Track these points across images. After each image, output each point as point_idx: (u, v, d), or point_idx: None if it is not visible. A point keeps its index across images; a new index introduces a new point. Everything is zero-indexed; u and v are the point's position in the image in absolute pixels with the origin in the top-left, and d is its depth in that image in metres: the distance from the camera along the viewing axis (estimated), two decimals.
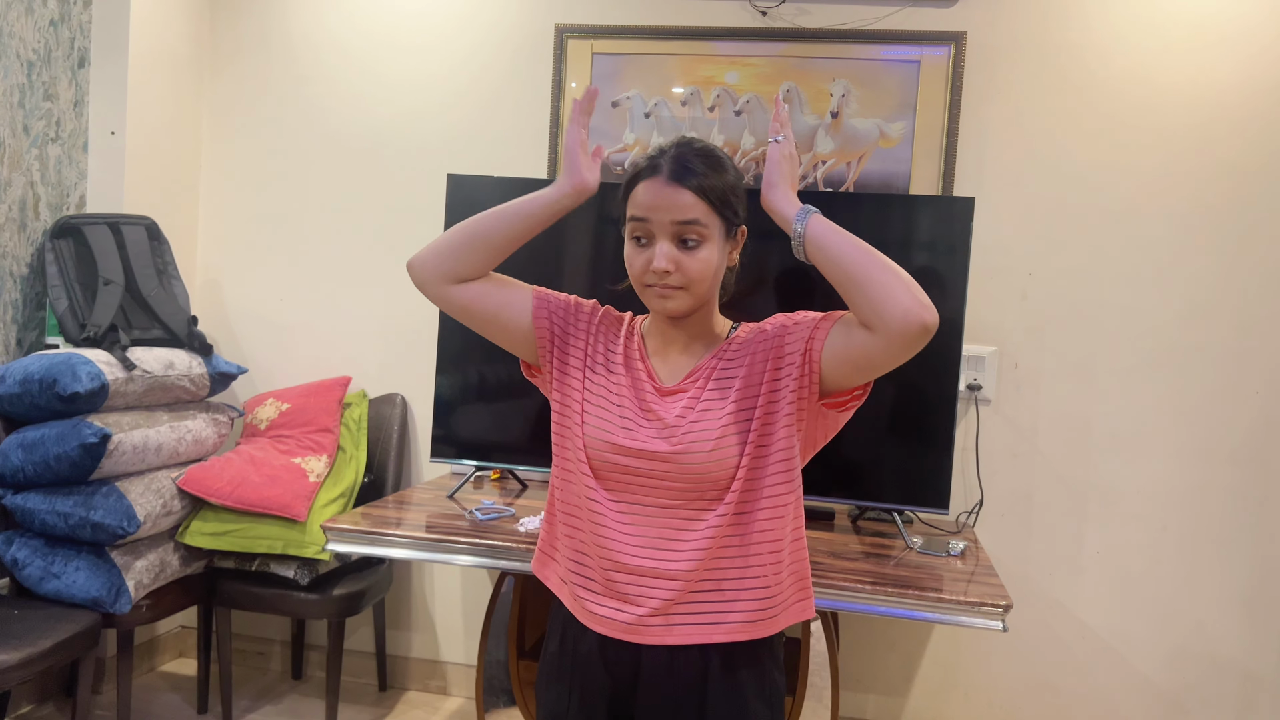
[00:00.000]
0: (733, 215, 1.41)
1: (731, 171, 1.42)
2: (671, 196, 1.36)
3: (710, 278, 1.41)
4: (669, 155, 1.39)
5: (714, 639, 1.41)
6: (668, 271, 1.37)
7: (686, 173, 1.37)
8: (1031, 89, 2.90)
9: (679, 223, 1.37)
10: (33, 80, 2.87)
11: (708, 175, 1.38)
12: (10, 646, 2.33)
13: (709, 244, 1.39)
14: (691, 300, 1.41)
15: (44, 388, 2.56)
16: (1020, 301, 2.94)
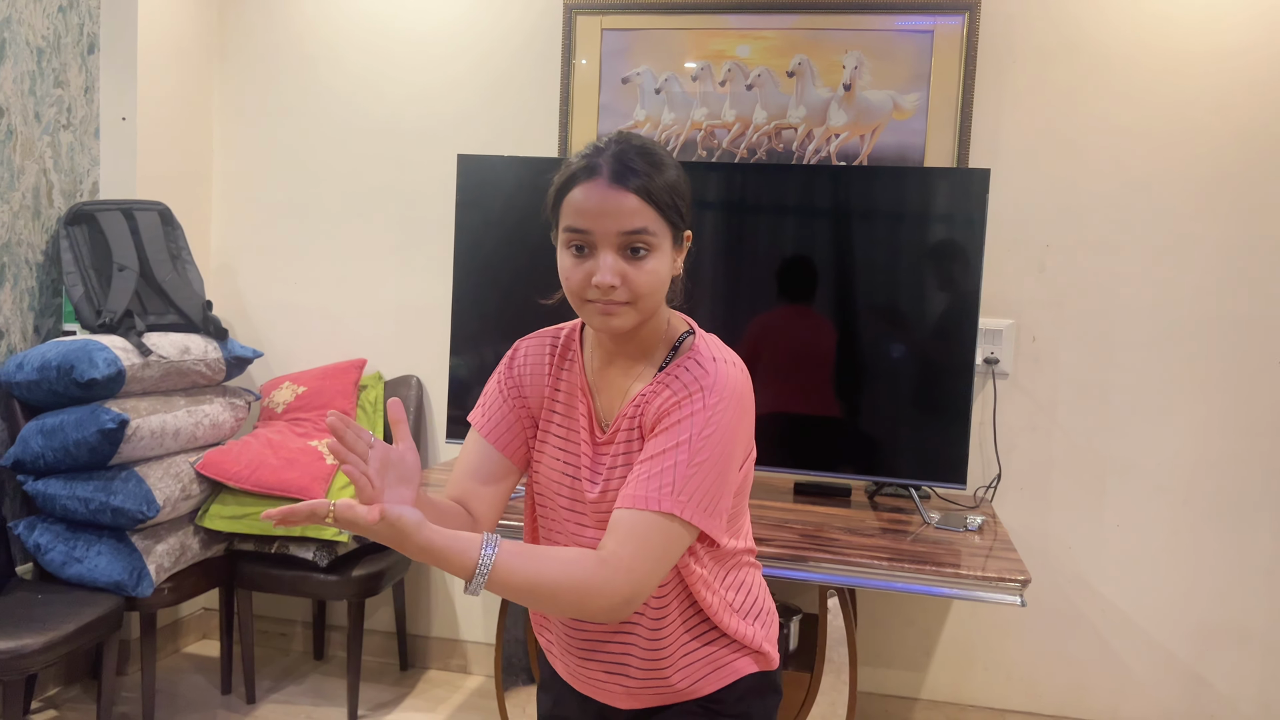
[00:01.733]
0: (679, 220, 1.27)
1: (674, 169, 1.27)
2: (615, 201, 1.20)
3: (659, 291, 1.26)
4: (608, 154, 1.23)
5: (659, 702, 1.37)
6: (613, 286, 1.22)
7: (629, 174, 1.21)
8: (1047, 57, 2.86)
9: (625, 232, 1.21)
10: (43, 67, 2.87)
11: (652, 176, 1.22)
12: (35, 630, 2.36)
13: (657, 253, 1.23)
14: (638, 316, 1.26)
15: (62, 374, 2.58)
16: (1038, 274, 2.90)
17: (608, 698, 1.39)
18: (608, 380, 1.33)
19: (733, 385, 1.24)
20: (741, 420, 1.25)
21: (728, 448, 1.22)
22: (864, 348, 2.68)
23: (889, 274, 2.66)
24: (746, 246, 2.73)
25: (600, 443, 1.31)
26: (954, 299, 2.61)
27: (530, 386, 1.38)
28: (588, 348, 1.36)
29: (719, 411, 1.22)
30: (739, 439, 1.24)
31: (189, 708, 2.98)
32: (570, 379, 1.35)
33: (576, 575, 1.14)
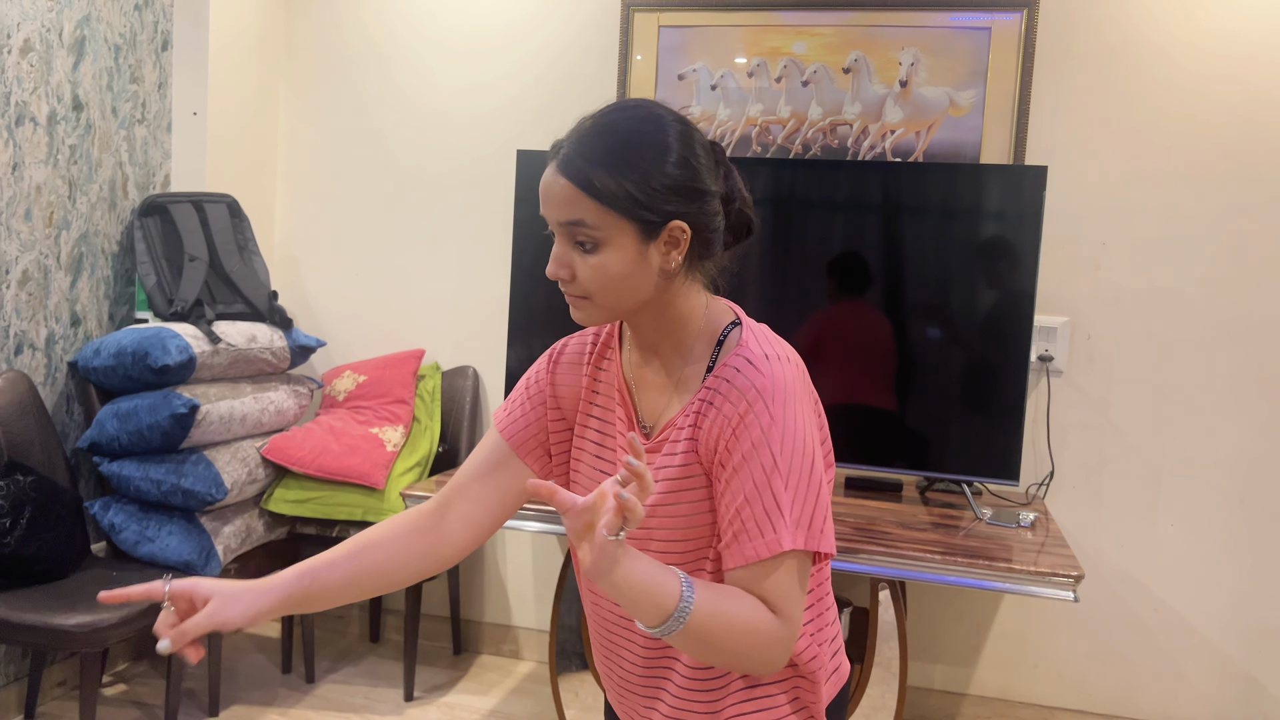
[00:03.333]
0: (645, 214, 1.09)
1: (654, 157, 1.10)
2: (555, 190, 1.10)
3: (617, 287, 1.12)
4: (570, 135, 1.12)
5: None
6: (561, 278, 1.14)
7: (575, 162, 1.09)
8: (1106, 54, 2.85)
9: (563, 223, 1.11)
10: (120, 64, 2.97)
11: (604, 165, 1.08)
12: (110, 606, 2.45)
13: (608, 248, 1.10)
14: (604, 312, 1.15)
15: (136, 360, 2.67)
16: (1094, 271, 2.90)
17: None
18: (648, 379, 1.22)
19: (791, 383, 1.12)
20: (811, 419, 1.14)
21: (810, 454, 1.11)
22: (918, 343, 2.69)
23: (944, 270, 2.67)
24: (801, 242, 2.76)
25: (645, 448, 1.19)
26: (1009, 296, 2.62)
27: (566, 385, 1.29)
28: (626, 343, 1.25)
29: (789, 419, 1.10)
30: (816, 439, 1.14)
31: (251, 685, 3.07)
32: (608, 378, 1.26)
33: (760, 623, 1.06)
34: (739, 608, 1.05)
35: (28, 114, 2.69)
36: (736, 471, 1.10)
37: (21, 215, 2.70)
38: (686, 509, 1.15)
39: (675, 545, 1.16)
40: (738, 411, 1.10)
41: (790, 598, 1.08)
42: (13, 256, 2.68)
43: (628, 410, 1.22)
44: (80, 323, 2.92)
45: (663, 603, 1.00)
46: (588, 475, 1.25)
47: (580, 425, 1.27)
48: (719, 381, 1.13)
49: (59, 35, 2.76)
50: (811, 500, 1.10)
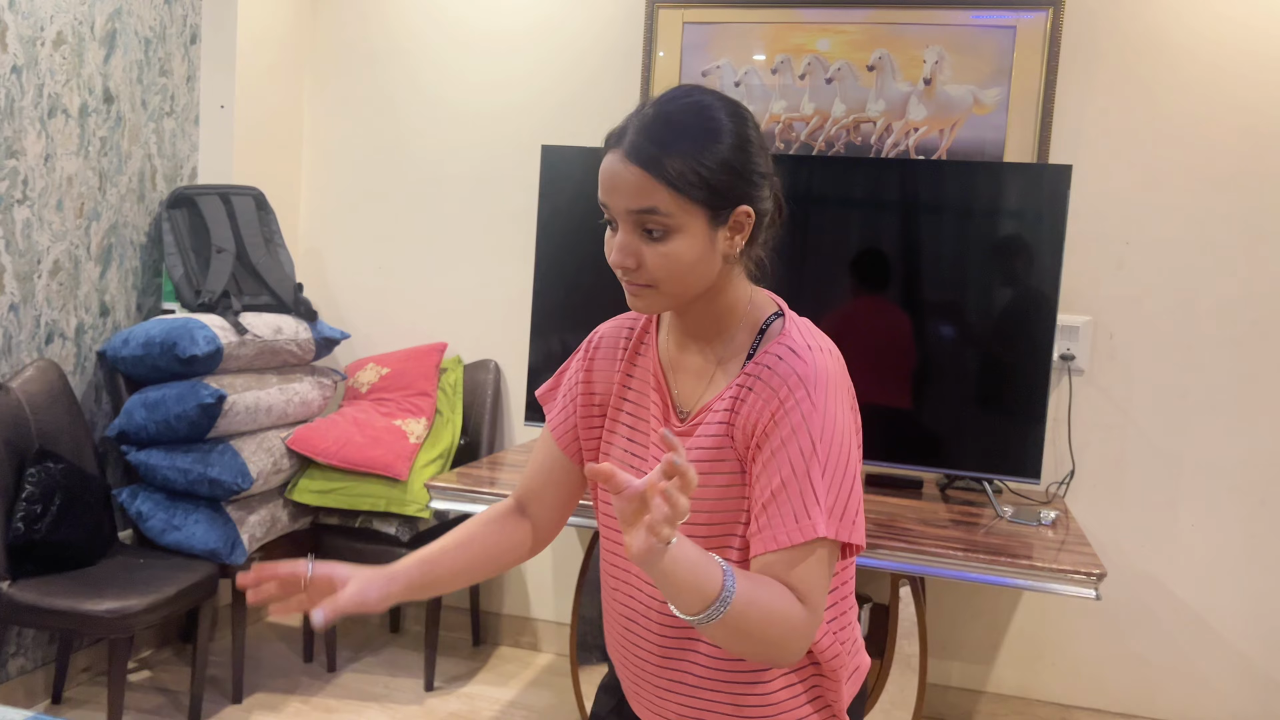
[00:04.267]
0: (715, 199, 1.10)
1: (720, 140, 1.10)
2: (625, 176, 1.09)
3: (685, 275, 1.12)
4: (633, 123, 1.12)
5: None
6: (627, 267, 1.13)
7: (646, 148, 1.08)
8: (1132, 53, 2.84)
9: (632, 211, 1.10)
10: (149, 57, 3.01)
11: (673, 151, 1.08)
12: (138, 592, 2.49)
13: (680, 235, 1.10)
14: (668, 300, 1.15)
15: (164, 350, 2.70)
16: (1116, 271, 2.89)
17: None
18: (686, 365, 1.22)
19: (833, 375, 1.12)
20: (849, 412, 1.14)
21: (847, 446, 1.11)
22: (940, 341, 2.70)
23: (967, 268, 2.68)
24: (824, 239, 2.77)
25: (677, 431, 1.20)
26: (1032, 294, 2.62)
27: (600, 375, 1.30)
28: (664, 330, 1.26)
29: (829, 408, 1.10)
30: (852, 432, 1.13)
31: (274, 673, 3.11)
32: (645, 364, 1.26)
33: (789, 611, 1.06)
34: (772, 597, 1.05)
35: (60, 106, 2.72)
36: (774, 456, 1.10)
37: (53, 206, 2.73)
38: (716, 491, 1.15)
39: (701, 528, 1.16)
40: (778, 397, 1.10)
41: (817, 587, 1.08)
42: (44, 247, 2.72)
43: (663, 395, 1.22)
44: (109, 313, 2.95)
45: (707, 591, 0.99)
46: (619, 460, 1.25)
47: (614, 411, 1.27)
48: (760, 368, 1.14)
49: (91, 28, 2.79)
50: (846, 491, 1.10)
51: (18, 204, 2.62)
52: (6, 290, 2.62)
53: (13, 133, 2.59)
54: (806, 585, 1.07)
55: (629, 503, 0.96)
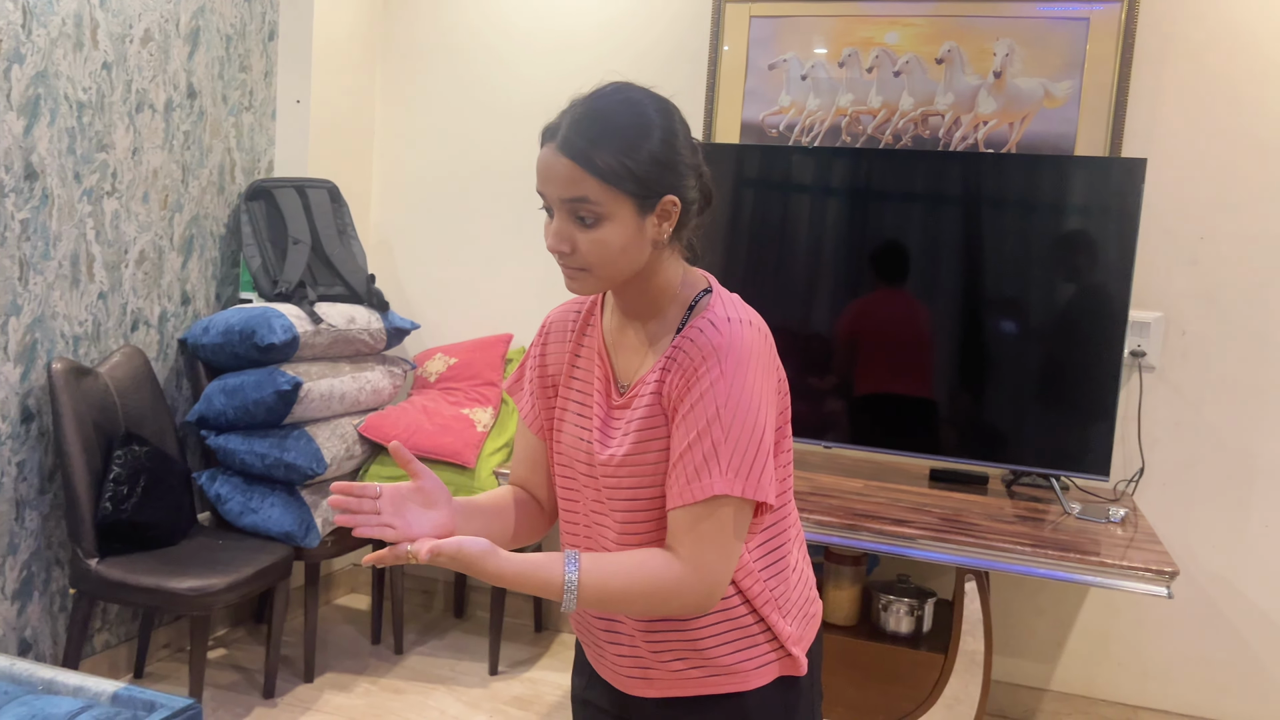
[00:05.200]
0: (642, 189, 1.18)
1: (648, 135, 1.19)
2: (557, 168, 1.18)
3: (615, 259, 1.20)
4: (565, 117, 1.21)
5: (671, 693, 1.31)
6: (561, 251, 1.21)
7: (577, 142, 1.17)
8: (1208, 45, 2.79)
9: (567, 200, 1.19)
10: (230, 53, 3.09)
11: (602, 144, 1.17)
12: (219, 572, 2.57)
13: (610, 222, 1.18)
14: (601, 282, 1.23)
15: (243, 338, 2.79)
16: (1190, 266, 2.85)
17: (624, 684, 1.34)
18: (626, 342, 1.30)
19: (749, 344, 1.20)
20: (764, 379, 1.21)
21: (756, 412, 1.18)
22: (1009, 336, 2.68)
23: (1038, 263, 2.66)
24: (891, 232, 2.76)
25: (616, 406, 1.28)
26: (1103, 290, 2.60)
27: (553, 356, 1.38)
28: (607, 310, 1.34)
29: (739, 375, 1.18)
30: (767, 399, 1.21)
31: (343, 654, 3.19)
32: (590, 342, 1.34)
33: (654, 578, 1.17)
34: (632, 568, 1.18)
35: (147, 101, 2.81)
36: (683, 420, 1.19)
37: (140, 198, 2.83)
38: (653, 457, 1.23)
39: (643, 493, 1.24)
40: (693, 365, 1.20)
41: (710, 546, 1.18)
42: (131, 237, 2.82)
43: (605, 371, 1.30)
44: (190, 301, 3.05)
45: (549, 583, 1.15)
46: (570, 434, 1.33)
47: (564, 388, 1.35)
48: (684, 340, 1.23)
49: (176, 25, 2.88)
50: (751, 452, 1.18)
51: (107, 196, 2.72)
52: (96, 279, 2.72)
53: (103, 127, 2.69)
54: (698, 543, 1.17)
55: None
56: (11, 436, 2.53)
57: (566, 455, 1.33)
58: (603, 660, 1.37)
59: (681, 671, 1.29)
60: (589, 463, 1.29)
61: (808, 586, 1.37)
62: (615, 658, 1.33)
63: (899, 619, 2.59)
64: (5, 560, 2.54)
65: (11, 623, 2.57)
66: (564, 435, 1.34)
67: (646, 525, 1.26)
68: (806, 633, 1.34)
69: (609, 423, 1.28)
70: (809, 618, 1.35)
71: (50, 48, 2.51)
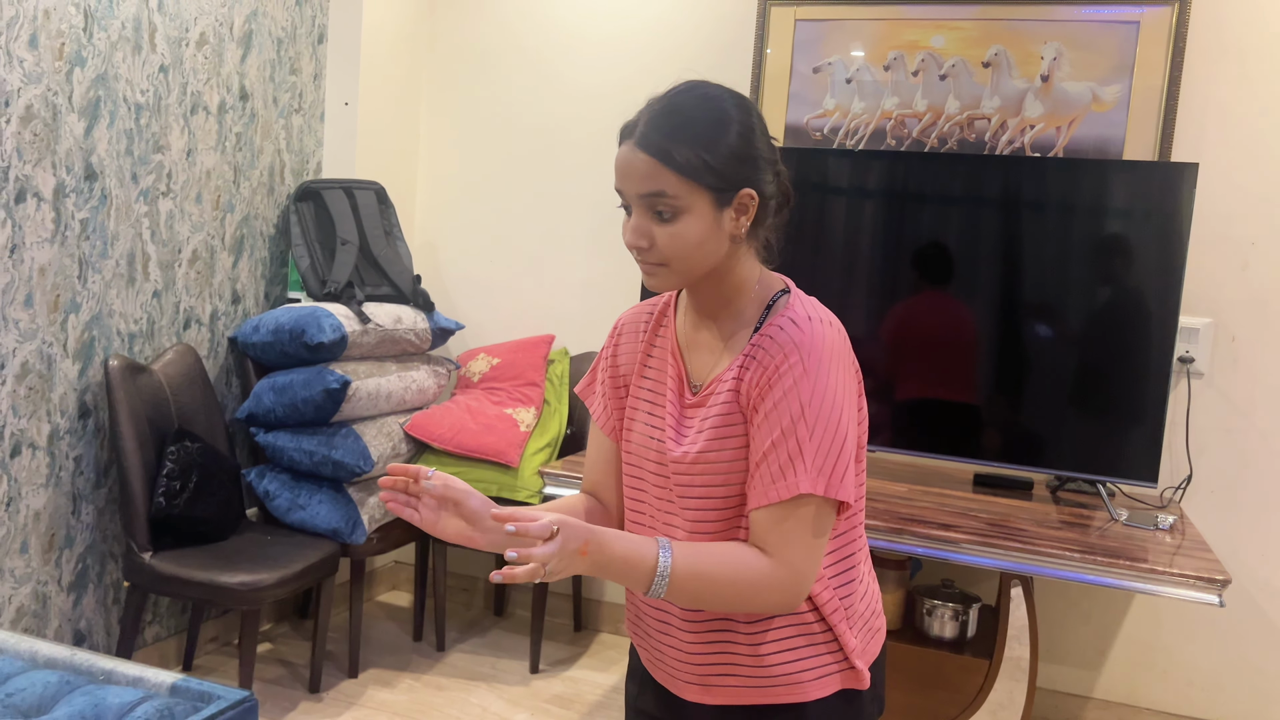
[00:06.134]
0: (720, 182, 1.19)
1: (725, 128, 1.20)
2: (635, 164, 1.19)
3: (693, 253, 1.21)
4: (643, 114, 1.22)
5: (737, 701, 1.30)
6: (639, 247, 1.22)
7: (653, 137, 1.18)
8: (1261, 48, 2.77)
9: (645, 195, 1.20)
10: (281, 56, 3.14)
11: (680, 139, 1.18)
12: (268, 567, 2.61)
13: (687, 216, 1.19)
14: (678, 277, 1.23)
15: (293, 337, 2.83)
16: (1241, 272, 2.82)
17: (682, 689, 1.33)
18: (700, 341, 1.30)
19: (831, 343, 1.21)
20: (846, 378, 1.22)
21: (840, 411, 1.19)
22: (1056, 341, 2.67)
23: (1085, 268, 2.64)
24: (935, 237, 2.76)
25: (689, 404, 1.28)
26: (1152, 295, 2.58)
27: (625, 357, 1.38)
28: (680, 310, 1.34)
29: (822, 374, 1.18)
30: (849, 400, 1.21)
31: (385, 650, 3.22)
32: (663, 342, 1.34)
33: (744, 570, 1.17)
34: (723, 561, 1.18)
35: (201, 103, 2.86)
36: (766, 418, 1.19)
37: (193, 198, 2.88)
38: (729, 455, 1.23)
39: (716, 491, 1.25)
40: (774, 363, 1.20)
41: (796, 543, 1.18)
42: (185, 237, 2.87)
43: (679, 370, 1.31)
44: (240, 300, 3.10)
45: (641, 573, 1.14)
46: (641, 433, 1.34)
47: (635, 388, 1.36)
48: (763, 339, 1.23)
49: (230, 29, 2.93)
50: (835, 452, 1.18)
51: (162, 196, 2.77)
52: (151, 278, 2.77)
53: (160, 129, 2.74)
54: (784, 541, 1.18)
55: None
56: (69, 432, 2.58)
57: (636, 454, 1.34)
58: (660, 665, 1.36)
59: (741, 679, 1.28)
60: (659, 461, 1.30)
61: (875, 600, 1.37)
62: (674, 663, 1.32)
63: (944, 624, 2.58)
64: (62, 553, 2.60)
65: (67, 614, 2.63)
66: (634, 434, 1.35)
67: (717, 525, 1.26)
68: (871, 646, 1.33)
69: (682, 421, 1.29)
70: (874, 631, 1.35)
71: (110, 51, 2.56)
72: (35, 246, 2.43)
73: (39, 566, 2.54)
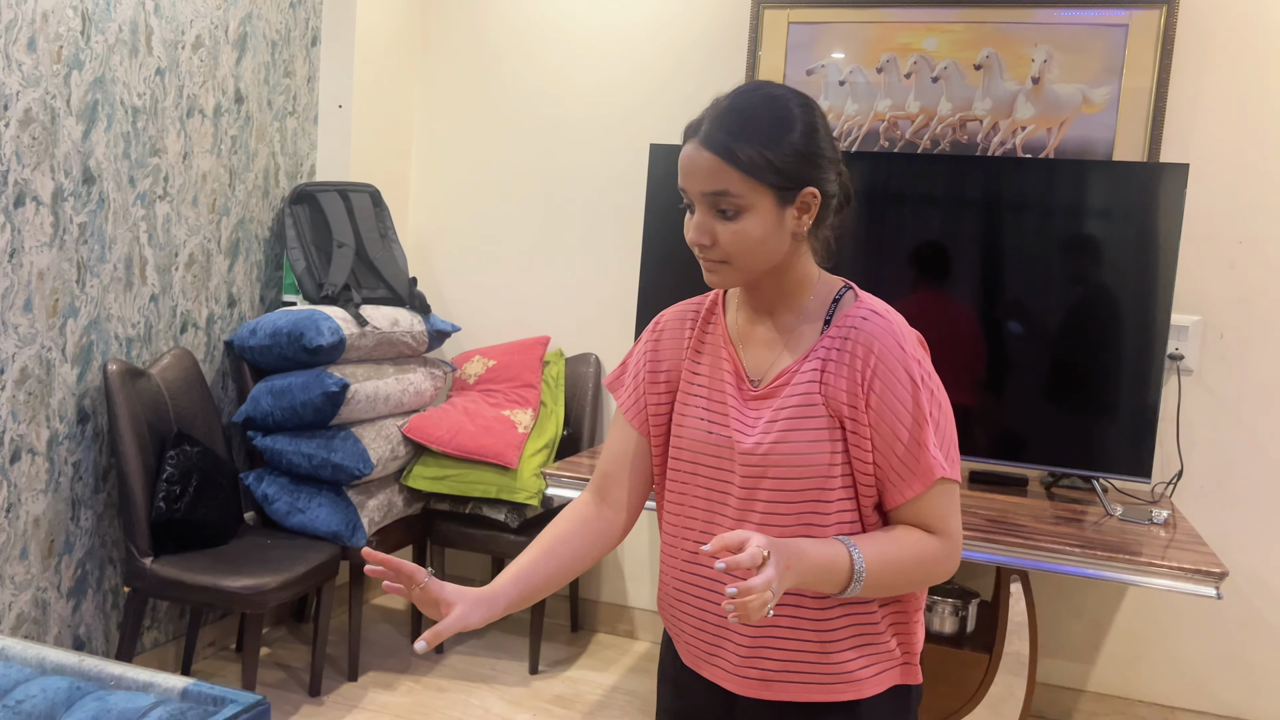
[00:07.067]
0: (783, 180, 1.20)
1: (789, 127, 1.21)
2: (699, 162, 1.21)
3: (755, 250, 1.22)
4: (708, 114, 1.23)
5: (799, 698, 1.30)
6: (702, 244, 1.24)
7: (718, 136, 1.20)
8: (1247, 50, 2.82)
9: (708, 193, 1.21)
10: (275, 59, 3.13)
11: (744, 138, 1.19)
12: (271, 571, 2.61)
13: (750, 214, 1.20)
14: (740, 274, 1.25)
15: (291, 340, 2.82)
16: (1228, 270, 2.87)
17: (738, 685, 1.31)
18: (756, 336, 1.31)
19: (913, 332, 1.28)
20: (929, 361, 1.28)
21: (941, 389, 1.26)
22: (1049, 339, 2.71)
23: (1078, 267, 2.68)
24: (928, 237, 2.79)
25: (752, 397, 1.29)
26: (1145, 294, 2.62)
27: (668, 354, 1.38)
28: (731, 307, 1.36)
29: (923, 358, 1.25)
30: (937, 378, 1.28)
31: (384, 653, 3.22)
32: (714, 339, 1.35)
33: (923, 550, 1.23)
34: (902, 546, 1.22)
35: (197, 106, 2.85)
36: (882, 412, 1.22)
37: (190, 201, 2.87)
38: (804, 447, 1.24)
39: (790, 484, 1.26)
40: (873, 353, 1.23)
41: (949, 515, 1.25)
42: (181, 240, 2.85)
43: (735, 365, 1.32)
44: (236, 304, 3.09)
45: (838, 577, 1.17)
46: (696, 426, 1.33)
47: (686, 384, 1.36)
48: (845, 330, 1.26)
49: (225, 32, 2.92)
50: (951, 432, 1.25)
51: (159, 200, 2.76)
52: (148, 281, 2.76)
53: (156, 132, 2.73)
54: (939, 518, 1.24)
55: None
56: (68, 437, 2.57)
57: (689, 447, 1.33)
58: (715, 660, 1.33)
59: (805, 676, 1.28)
60: (721, 454, 1.29)
61: (923, 594, 1.39)
62: (735, 659, 1.30)
63: (943, 619, 2.61)
64: (61, 559, 2.58)
65: (66, 620, 2.61)
66: (686, 428, 1.34)
67: (789, 517, 1.25)
68: (920, 641, 1.36)
69: (746, 414, 1.29)
70: (921, 625, 1.38)
71: (108, 54, 2.55)
72: (34, 251, 2.42)
73: (38, 572, 2.53)
